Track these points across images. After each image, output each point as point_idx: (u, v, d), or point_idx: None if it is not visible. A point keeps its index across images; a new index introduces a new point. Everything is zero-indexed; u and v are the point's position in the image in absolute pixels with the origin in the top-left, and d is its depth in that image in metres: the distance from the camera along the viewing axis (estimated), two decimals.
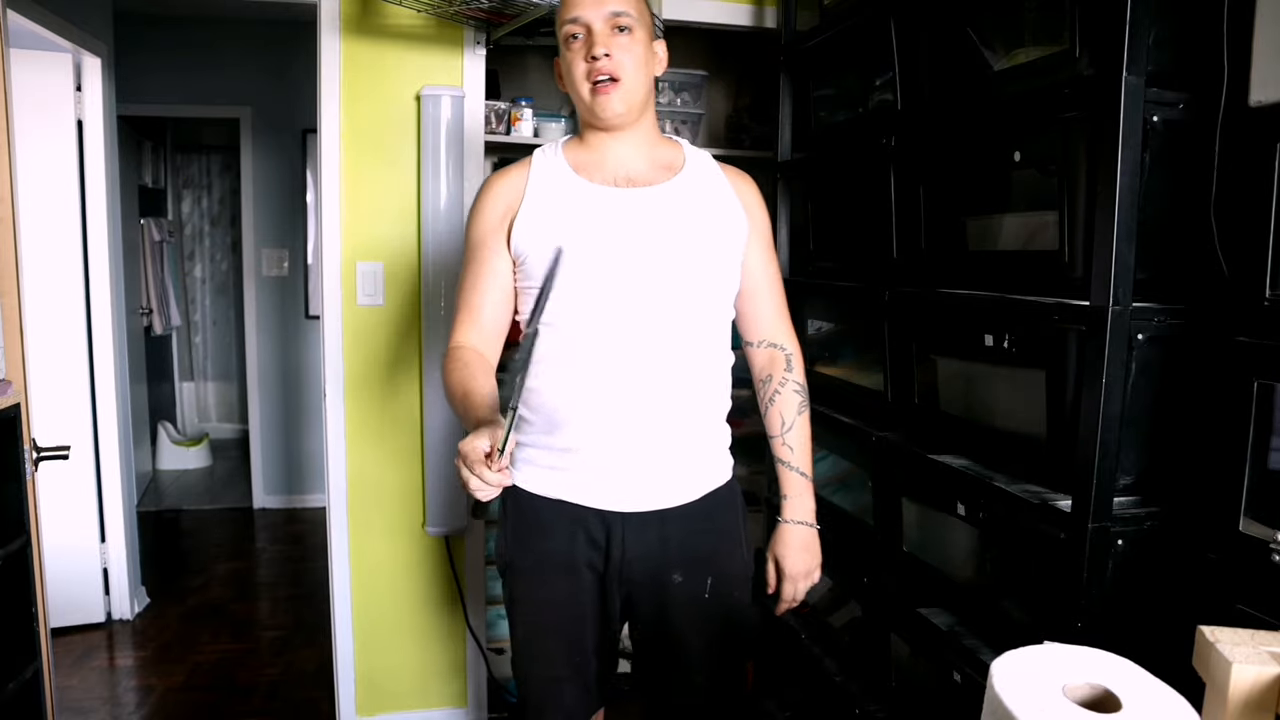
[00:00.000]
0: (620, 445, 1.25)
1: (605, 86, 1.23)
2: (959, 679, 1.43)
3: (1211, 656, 0.65)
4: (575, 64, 1.25)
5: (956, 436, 1.55)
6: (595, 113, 1.26)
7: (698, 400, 1.30)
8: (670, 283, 1.25)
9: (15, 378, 1.52)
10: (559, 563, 1.29)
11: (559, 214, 1.26)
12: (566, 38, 1.25)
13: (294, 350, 4.46)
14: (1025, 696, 0.58)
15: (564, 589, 1.30)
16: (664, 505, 1.28)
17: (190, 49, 4.20)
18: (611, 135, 1.30)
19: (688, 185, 1.31)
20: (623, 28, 1.24)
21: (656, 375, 1.24)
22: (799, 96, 2.18)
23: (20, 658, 1.50)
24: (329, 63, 2.09)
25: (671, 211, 1.28)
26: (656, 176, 1.30)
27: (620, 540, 1.28)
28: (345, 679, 2.26)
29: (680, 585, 1.31)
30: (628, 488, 1.27)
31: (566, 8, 1.25)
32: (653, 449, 1.26)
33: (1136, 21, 1.10)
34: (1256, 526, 1.07)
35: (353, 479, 2.22)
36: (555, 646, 1.33)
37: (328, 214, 2.14)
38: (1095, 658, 0.64)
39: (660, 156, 1.33)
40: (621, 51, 1.23)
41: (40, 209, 2.76)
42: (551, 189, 1.29)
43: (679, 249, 1.26)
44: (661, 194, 1.29)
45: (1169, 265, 1.20)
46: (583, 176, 1.29)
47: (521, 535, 1.32)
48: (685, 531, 1.30)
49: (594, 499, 1.27)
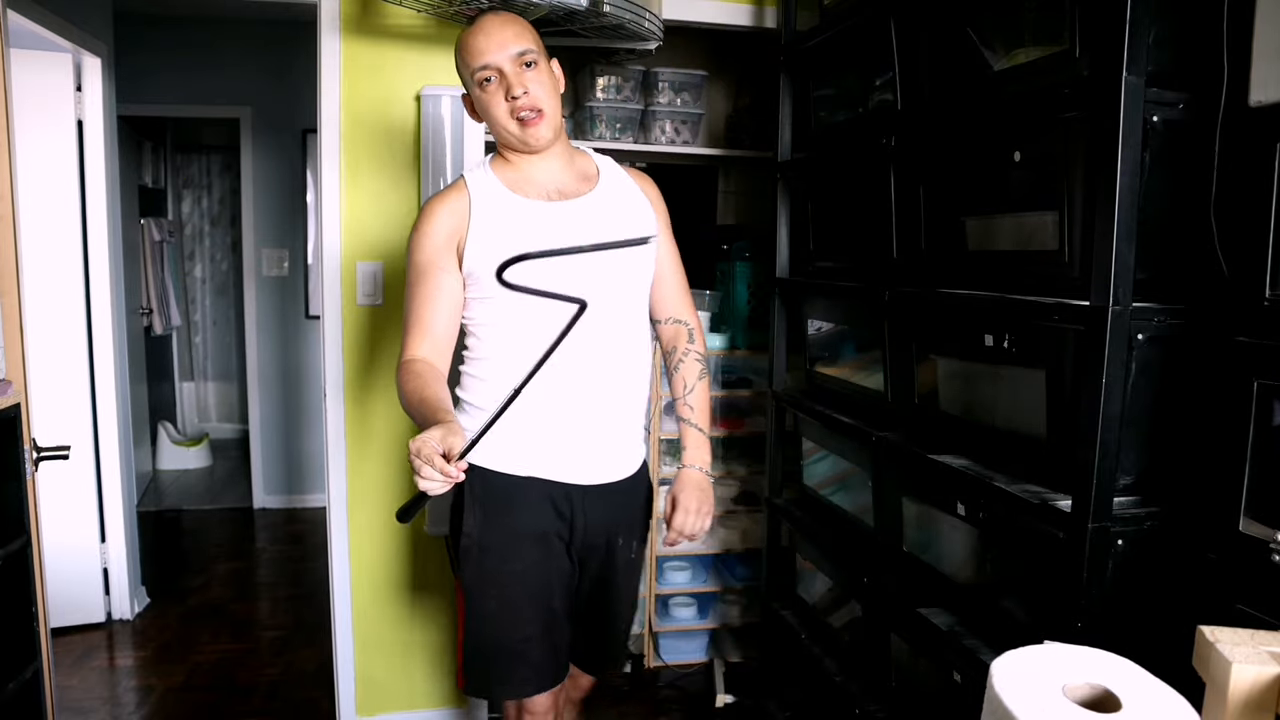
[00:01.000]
0: (579, 427, 1.43)
1: (532, 119, 1.38)
2: (959, 679, 1.43)
3: (1211, 656, 0.65)
4: (495, 103, 1.38)
5: (956, 436, 1.55)
6: (528, 143, 1.40)
7: (634, 385, 1.49)
8: (608, 282, 1.42)
9: (15, 378, 1.52)
10: (530, 534, 1.44)
11: (505, 230, 1.40)
12: (480, 81, 1.38)
13: (294, 350, 4.46)
14: (1025, 696, 0.58)
15: (535, 557, 1.45)
16: (614, 479, 1.49)
17: (190, 49, 4.20)
18: (533, 156, 1.44)
19: (607, 192, 1.49)
20: (529, 63, 1.37)
21: (605, 366, 1.43)
22: (799, 96, 2.18)
23: (20, 658, 1.50)
24: (329, 63, 2.09)
25: (599, 218, 1.45)
26: (580, 188, 1.47)
27: (582, 510, 1.46)
28: (345, 679, 2.26)
29: (620, 547, 1.54)
30: (587, 464, 1.45)
31: (474, 55, 1.37)
32: (605, 429, 1.46)
33: (1136, 21, 1.10)
34: (1256, 526, 1.07)
35: (353, 479, 2.22)
36: (528, 612, 1.45)
37: (328, 214, 2.14)
38: (1095, 658, 0.64)
39: (578, 168, 1.49)
40: (536, 85, 1.38)
41: (40, 209, 2.76)
42: (494, 208, 1.42)
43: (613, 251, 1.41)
44: (588, 204, 1.46)
45: (1169, 265, 1.20)
46: (518, 194, 1.43)
47: (492, 513, 1.45)
48: (625, 501, 1.53)
49: (560, 474, 1.44)
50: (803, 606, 2.17)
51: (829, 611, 2.03)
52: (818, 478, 2.13)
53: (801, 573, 2.18)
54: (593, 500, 1.47)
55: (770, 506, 2.30)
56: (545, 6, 1.81)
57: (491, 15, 1.40)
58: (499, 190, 1.43)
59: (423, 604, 2.31)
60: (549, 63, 1.42)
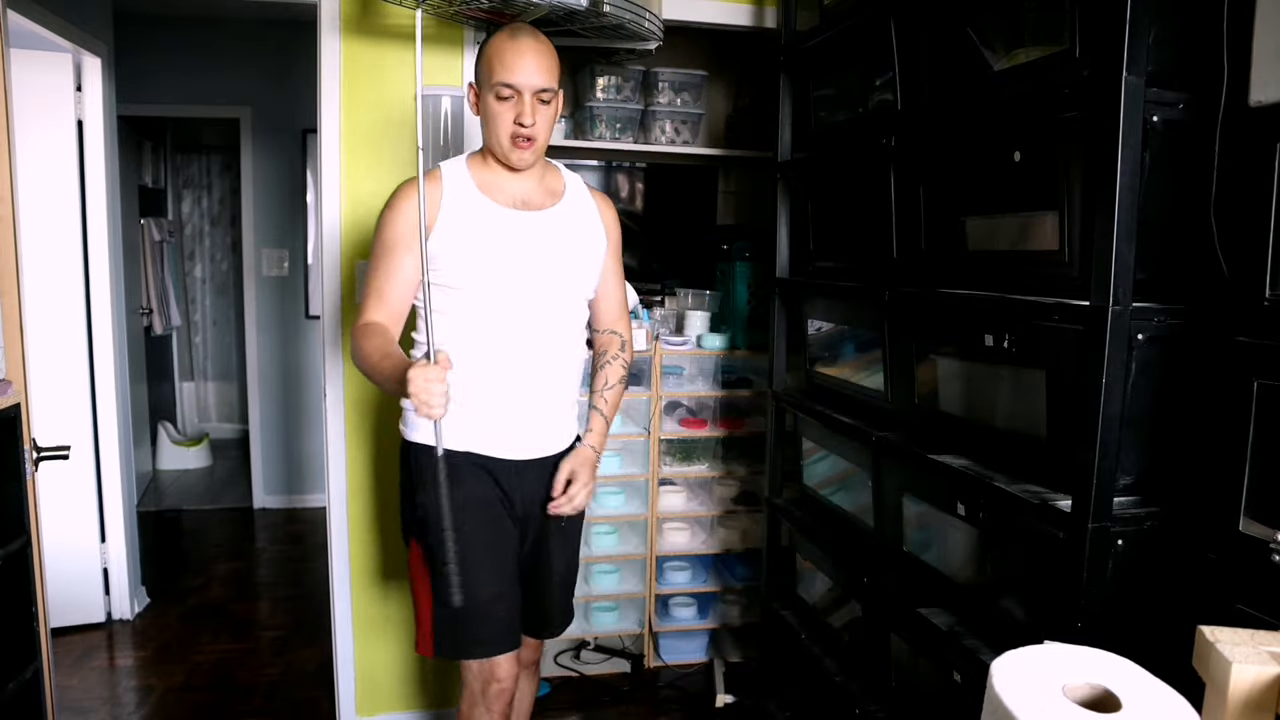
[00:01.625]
0: (517, 409, 1.59)
1: (524, 144, 1.51)
2: (959, 679, 1.43)
3: (1211, 656, 0.65)
4: (502, 118, 1.50)
5: (956, 436, 1.55)
6: (511, 161, 1.54)
7: (567, 375, 1.65)
8: (554, 289, 1.59)
9: (15, 378, 1.52)
10: (479, 502, 1.59)
11: (471, 229, 1.54)
12: (499, 94, 1.49)
13: (294, 350, 4.46)
14: (1025, 696, 0.58)
15: (485, 519, 1.60)
16: (545, 454, 1.65)
17: (190, 49, 4.20)
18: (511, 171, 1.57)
19: (568, 210, 1.63)
20: (546, 101, 1.51)
21: (542, 359, 1.59)
22: (799, 96, 2.18)
23: (20, 658, 1.50)
24: (329, 63, 2.09)
25: (557, 233, 1.60)
26: (545, 201, 1.61)
27: (520, 484, 1.63)
28: (345, 679, 2.26)
29: (550, 516, 1.67)
30: (524, 441, 1.62)
31: (505, 70, 1.47)
32: (540, 411, 1.62)
33: (1136, 21, 1.10)
34: (1256, 526, 1.07)
35: (353, 479, 2.22)
36: (488, 571, 1.58)
37: (328, 214, 2.15)
38: (1095, 658, 0.64)
39: (547, 183, 1.63)
40: (543, 120, 1.52)
41: (40, 209, 2.76)
42: (464, 206, 1.55)
43: (561, 263, 1.59)
44: (549, 217, 1.60)
45: (1169, 265, 1.20)
46: (488, 197, 1.56)
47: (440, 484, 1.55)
48: (551, 476, 1.66)
49: (500, 450, 1.60)
50: (803, 606, 2.17)
51: (829, 611, 2.03)
52: (818, 478, 2.13)
53: (801, 573, 2.18)
54: (525, 473, 1.63)
55: (770, 506, 2.30)
56: (545, 6, 1.81)
57: (531, 40, 1.50)
58: (470, 189, 1.56)
59: None
60: (559, 98, 1.55)
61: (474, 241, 1.53)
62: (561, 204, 1.63)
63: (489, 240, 1.54)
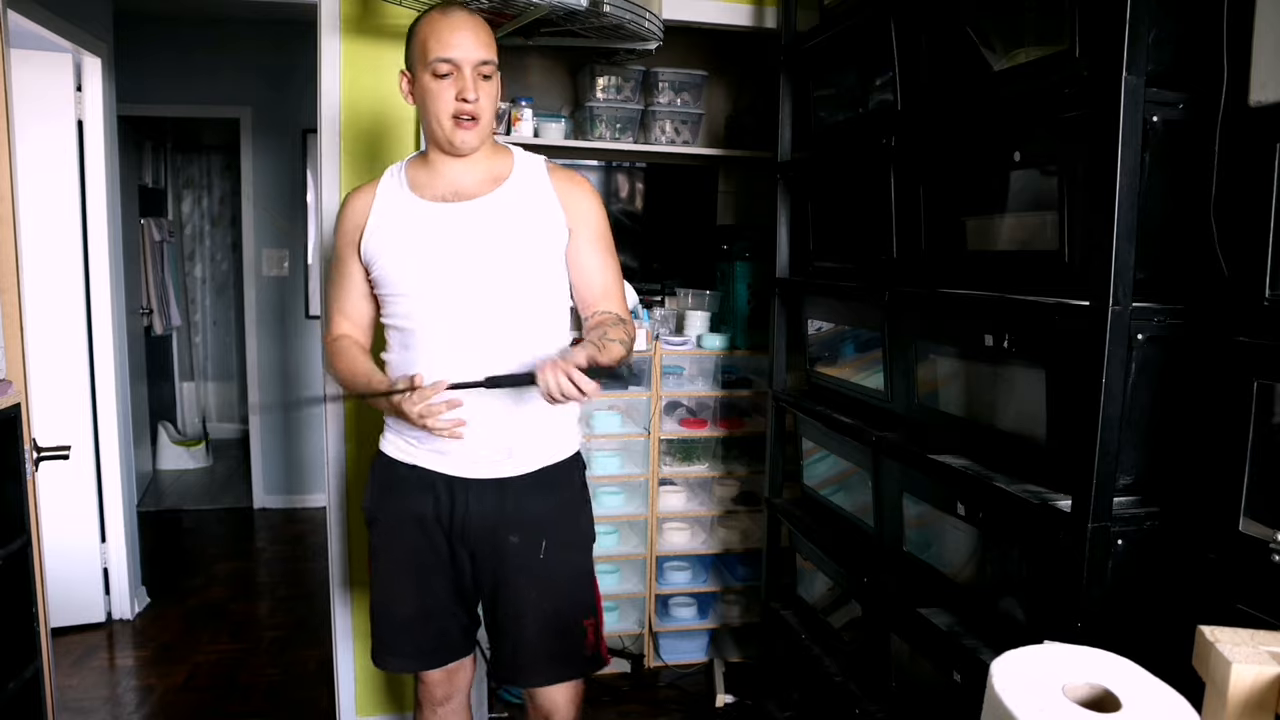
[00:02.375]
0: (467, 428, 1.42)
1: (467, 124, 1.41)
2: (959, 679, 1.43)
3: (1211, 656, 0.65)
4: (441, 97, 1.40)
5: (956, 436, 1.55)
6: (454, 144, 1.43)
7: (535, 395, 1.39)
8: (488, 282, 1.44)
9: (15, 378, 1.52)
10: (411, 518, 1.51)
11: (393, 229, 1.47)
12: (436, 71, 1.39)
13: (294, 350, 4.46)
14: (1025, 696, 0.58)
15: (415, 540, 1.51)
16: (501, 475, 1.48)
17: (190, 49, 4.20)
18: (452, 157, 1.47)
19: (509, 195, 1.48)
20: (486, 75, 1.42)
21: (485, 363, 1.41)
22: (799, 96, 2.18)
23: (20, 658, 1.50)
24: (329, 63, 2.09)
25: (487, 222, 1.45)
26: (482, 189, 1.47)
27: (464, 503, 1.48)
28: (345, 679, 2.26)
29: (516, 545, 1.50)
30: (468, 459, 1.47)
31: (441, 45, 1.39)
32: (487, 427, 1.44)
33: (1136, 21, 1.10)
34: (1256, 526, 1.07)
35: (353, 479, 2.22)
36: (407, 591, 1.53)
37: (328, 214, 2.14)
38: (1095, 658, 0.64)
39: (490, 169, 1.49)
40: (485, 97, 1.42)
41: (40, 209, 2.76)
42: (391, 206, 1.49)
43: (492, 254, 1.44)
44: (481, 206, 1.46)
45: (1169, 265, 1.20)
46: (415, 194, 1.49)
47: (383, 493, 1.55)
48: (522, 499, 1.49)
49: (440, 466, 1.49)
50: (803, 606, 2.17)
51: (829, 611, 2.03)
52: (818, 478, 2.13)
53: (801, 573, 2.18)
54: (475, 493, 1.48)
55: (770, 506, 2.30)
56: (545, 6, 1.81)
57: (465, 13, 1.42)
58: (400, 189, 1.51)
59: None
60: (498, 78, 1.47)
61: (393, 240, 1.47)
62: (501, 189, 1.47)
63: (406, 237, 1.46)
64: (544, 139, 2.62)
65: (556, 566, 1.52)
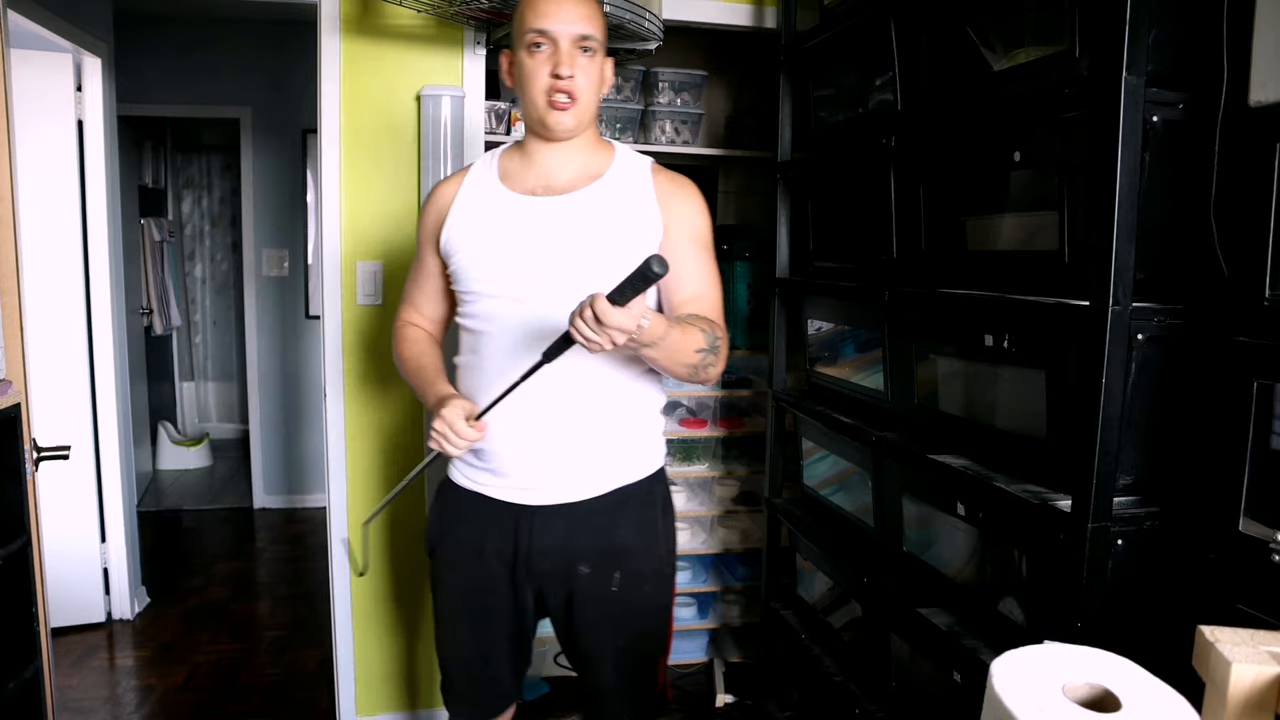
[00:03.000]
0: (525, 444, 1.31)
1: (563, 104, 1.28)
2: (959, 679, 1.43)
3: (1211, 656, 0.65)
4: (536, 74, 1.28)
5: (956, 436, 1.55)
6: (547, 125, 1.30)
7: (607, 401, 1.33)
8: (569, 285, 1.26)
9: (15, 378, 1.52)
10: (471, 550, 1.39)
11: (475, 220, 1.36)
12: (530, 43, 1.28)
13: (294, 350, 4.46)
14: (1025, 696, 0.58)
15: (474, 575, 1.39)
16: (569, 500, 1.34)
17: (190, 49, 4.20)
18: (548, 144, 1.35)
19: (603, 192, 1.34)
20: (587, 49, 1.29)
21: (560, 376, 1.26)
22: (799, 96, 2.18)
23: (20, 658, 1.50)
24: (329, 63, 2.09)
25: (575, 218, 1.32)
26: (575, 184, 1.34)
27: (528, 532, 1.35)
28: (345, 679, 2.26)
29: (587, 577, 1.36)
30: (534, 483, 1.34)
31: (536, 15, 1.27)
32: (557, 447, 1.32)
33: (1136, 21, 1.10)
34: (1256, 526, 1.07)
35: (353, 479, 2.22)
36: (466, 632, 1.42)
37: (328, 214, 2.14)
38: (1095, 658, 0.64)
39: (588, 164, 1.37)
40: (583, 74, 1.29)
41: (40, 209, 2.76)
42: (477, 196, 1.38)
43: (586, 254, 1.30)
44: (570, 202, 1.33)
45: (1169, 265, 1.20)
46: (505, 185, 1.37)
47: (443, 522, 1.44)
48: (593, 525, 1.35)
49: (503, 493, 1.36)
50: (803, 606, 2.17)
51: (829, 611, 2.03)
52: (818, 478, 2.13)
53: (801, 573, 2.18)
54: (541, 521, 1.34)
55: (770, 506, 2.30)
56: None
57: None
58: (490, 180, 1.39)
59: (423, 604, 2.31)
60: (604, 60, 1.34)
61: (473, 233, 1.35)
62: (596, 185, 1.34)
63: (487, 230, 1.34)
64: None
65: (630, 601, 1.37)
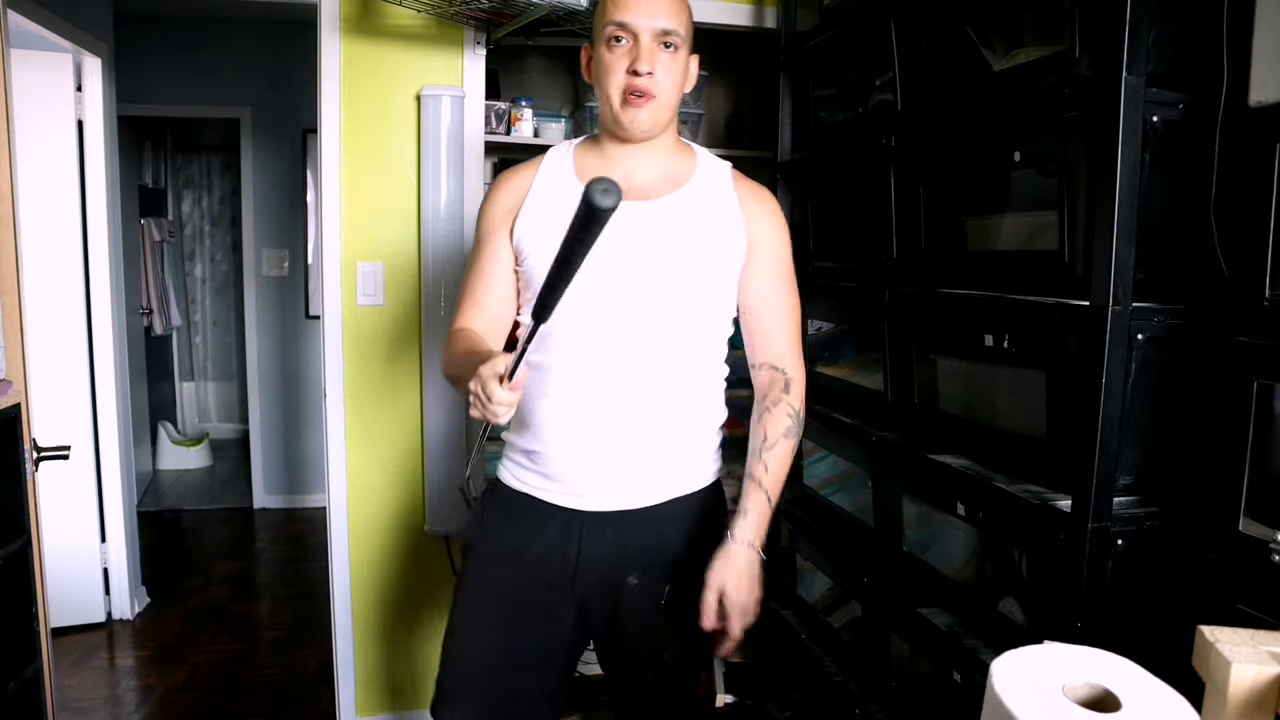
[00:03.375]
0: (584, 448, 1.26)
1: (639, 101, 1.22)
2: (959, 679, 1.42)
3: (1211, 656, 0.65)
4: (614, 69, 1.22)
5: (956, 436, 1.55)
6: (622, 123, 1.24)
7: (671, 408, 1.28)
8: (654, 297, 1.24)
9: (15, 378, 1.51)
10: (511, 553, 1.31)
11: (555, 219, 1.25)
12: (609, 38, 1.22)
13: (294, 350, 4.46)
14: (1025, 696, 0.58)
15: (511, 578, 1.31)
16: (623, 507, 1.28)
17: (190, 49, 4.20)
18: (625, 145, 1.29)
19: (688, 200, 1.29)
20: (669, 44, 1.23)
21: (623, 383, 1.24)
22: (799, 96, 2.18)
23: (20, 658, 1.50)
24: (329, 63, 2.09)
25: (666, 227, 1.26)
26: (660, 189, 1.28)
27: (577, 539, 1.29)
28: (345, 679, 2.26)
29: (635, 588, 1.30)
30: (589, 489, 1.28)
31: (617, 8, 1.21)
32: (617, 453, 1.26)
33: (1136, 21, 1.10)
34: (1256, 526, 1.07)
35: (353, 479, 2.22)
36: (487, 632, 1.31)
37: (328, 214, 2.14)
38: (1095, 658, 0.64)
39: (671, 169, 1.31)
40: (663, 71, 1.22)
41: (40, 209, 2.76)
42: (554, 192, 1.29)
43: (667, 265, 1.25)
44: (657, 208, 1.27)
45: (1169, 265, 1.20)
46: (582, 181, 1.27)
47: (489, 520, 1.36)
48: (646, 535, 1.30)
49: (556, 497, 1.29)
50: (803, 606, 2.16)
51: (829, 611, 2.03)
52: (818, 477, 2.13)
53: (801, 572, 2.18)
54: (592, 528, 1.28)
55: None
56: (545, 6, 1.81)
57: None
58: (567, 174, 1.31)
59: (423, 604, 2.31)
60: (689, 56, 1.28)
61: (551, 231, 1.24)
62: (681, 192, 1.28)
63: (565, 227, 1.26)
64: (544, 139, 2.62)
65: (678, 613, 1.29)
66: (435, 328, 2.17)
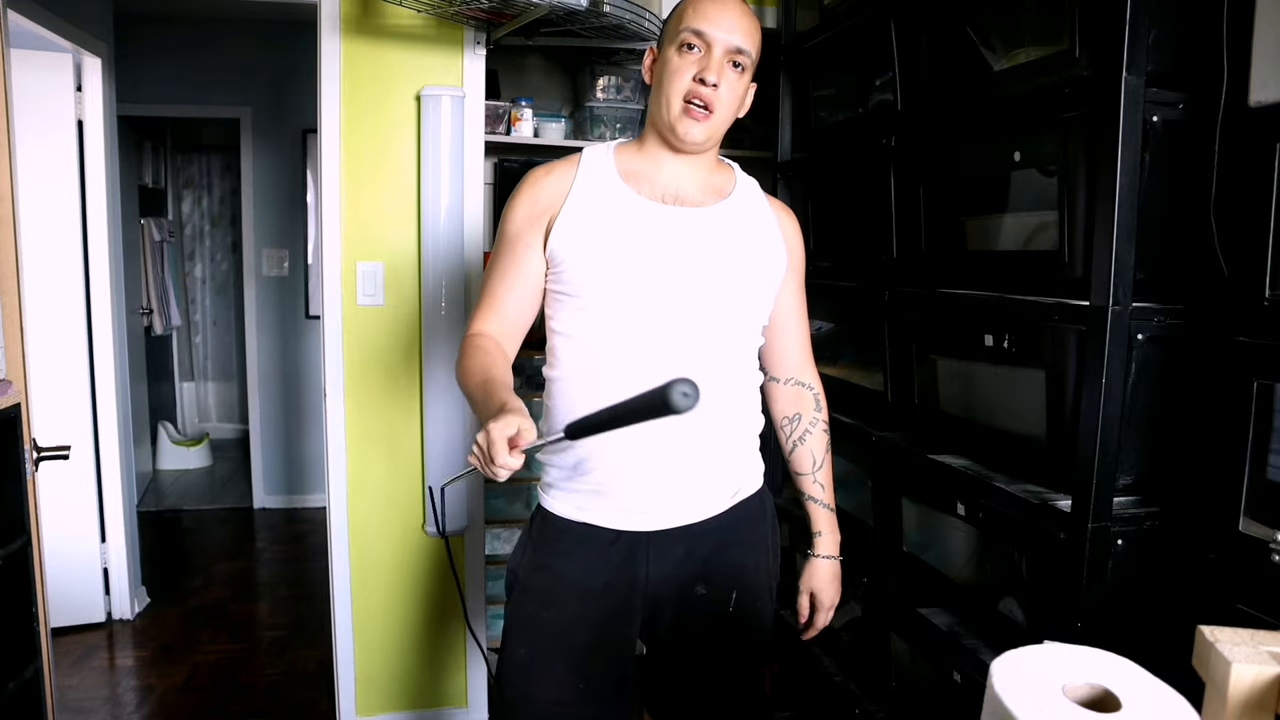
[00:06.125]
0: (645, 467, 1.22)
1: (698, 113, 1.20)
2: (959, 679, 1.43)
3: (1211, 656, 0.65)
4: (680, 73, 1.20)
5: (956, 436, 1.55)
6: (676, 132, 1.22)
7: (725, 421, 1.27)
8: (705, 306, 1.23)
9: (15, 378, 1.51)
10: (576, 585, 1.26)
11: (603, 224, 1.22)
12: (683, 43, 1.20)
13: (294, 350, 4.46)
14: (1025, 696, 0.58)
15: (577, 611, 1.26)
16: (689, 521, 1.26)
17: (190, 49, 4.20)
18: (674, 154, 1.27)
19: (734, 212, 1.29)
20: (738, 64, 1.23)
21: None
22: (799, 96, 2.18)
23: (20, 658, 1.50)
24: (329, 63, 2.09)
25: (716, 236, 1.25)
26: (705, 199, 1.27)
27: (645, 559, 1.26)
28: (345, 679, 2.26)
29: (703, 597, 1.29)
30: (653, 508, 1.24)
31: (699, 17, 1.20)
32: (678, 470, 1.23)
33: (1136, 21, 1.10)
34: (1256, 526, 1.07)
35: (353, 479, 2.22)
36: (559, 670, 1.26)
37: (328, 214, 2.14)
38: (1095, 658, 0.64)
39: (713, 181, 1.31)
40: (728, 87, 1.22)
41: (40, 209, 2.76)
42: (598, 195, 1.24)
43: (719, 274, 1.24)
44: (708, 217, 1.26)
45: (1169, 265, 1.20)
46: (631, 187, 1.25)
47: (541, 554, 1.29)
48: (711, 545, 1.29)
49: (614, 519, 1.24)
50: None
51: None
52: None
53: None
54: (660, 547, 1.25)
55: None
56: (545, 6, 1.81)
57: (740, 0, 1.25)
58: (610, 176, 1.26)
59: (423, 604, 2.31)
60: (750, 83, 1.30)
61: (603, 236, 1.21)
62: (726, 203, 1.28)
63: (622, 236, 1.21)
64: (544, 139, 2.62)
65: (747, 619, 1.32)
66: (435, 328, 2.16)
